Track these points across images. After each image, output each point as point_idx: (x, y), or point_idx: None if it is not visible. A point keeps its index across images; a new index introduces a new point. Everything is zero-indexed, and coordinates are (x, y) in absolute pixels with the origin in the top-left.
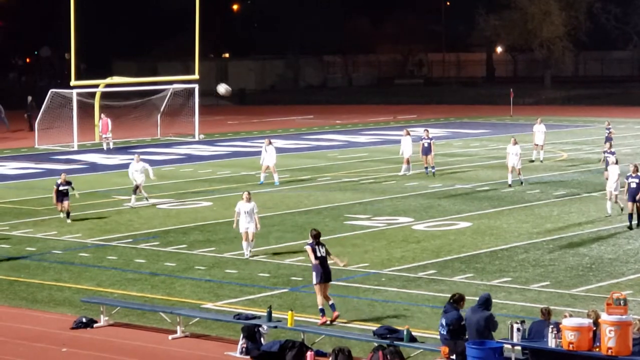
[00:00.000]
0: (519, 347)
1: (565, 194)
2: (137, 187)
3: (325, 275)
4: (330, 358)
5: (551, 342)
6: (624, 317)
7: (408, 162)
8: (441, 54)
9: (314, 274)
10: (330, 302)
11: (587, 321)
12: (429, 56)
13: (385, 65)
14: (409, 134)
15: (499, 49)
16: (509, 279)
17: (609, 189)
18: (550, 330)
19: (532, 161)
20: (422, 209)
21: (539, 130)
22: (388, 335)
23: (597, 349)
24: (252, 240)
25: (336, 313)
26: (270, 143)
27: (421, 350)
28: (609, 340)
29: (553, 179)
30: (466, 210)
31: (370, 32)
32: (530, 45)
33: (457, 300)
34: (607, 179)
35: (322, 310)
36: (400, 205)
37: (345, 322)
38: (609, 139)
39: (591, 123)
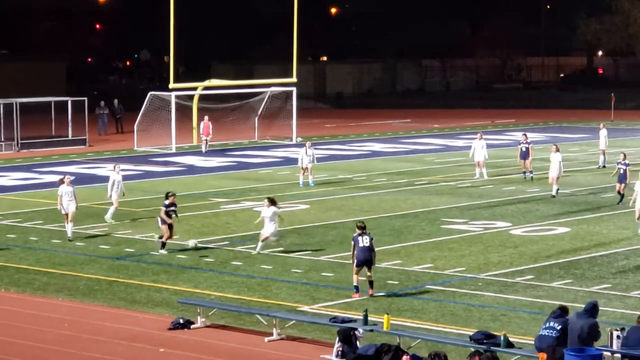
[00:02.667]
0: (618, 355)
1: None
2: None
3: (365, 261)
4: None
5: None
6: None
7: (480, 165)
8: (540, 57)
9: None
10: (371, 279)
11: None
12: (528, 60)
13: (483, 70)
14: (482, 137)
15: (599, 53)
16: (609, 285)
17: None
18: None
19: (603, 167)
20: (520, 214)
21: (603, 135)
22: (485, 341)
23: None
24: (262, 241)
25: (371, 291)
26: (311, 146)
27: (519, 356)
28: None
29: None
30: (565, 216)
31: (469, 36)
32: (633, 49)
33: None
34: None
35: (356, 287)
36: (497, 210)
37: (442, 327)
38: None
39: None
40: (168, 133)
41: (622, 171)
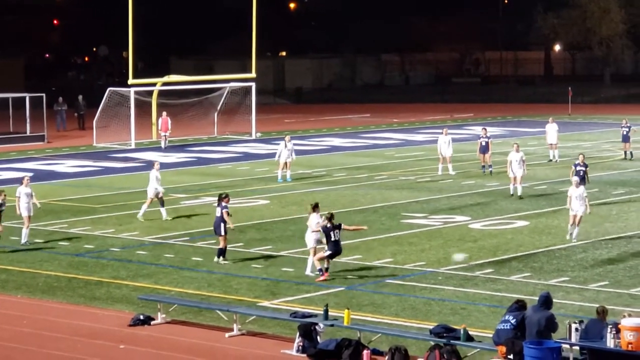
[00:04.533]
0: (577, 347)
1: (624, 193)
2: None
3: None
4: (387, 357)
5: (610, 343)
6: None
7: (445, 161)
8: (498, 52)
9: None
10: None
11: None
12: (486, 54)
13: (442, 64)
14: (447, 133)
15: (557, 47)
16: (567, 278)
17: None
18: (608, 330)
19: (555, 161)
20: (479, 208)
21: (552, 129)
22: (445, 335)
23: None
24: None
25: (327, 274)
26: (290, 140)
27: (478, 349)
28: None
29: (612, 178)
30: (523, 209)
31: (428, 30)
32: (589, 43)
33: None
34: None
35: (320, 270)
36: (456, 204)
37: (402, 321)
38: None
39: None
40: (127, 129)
41: (581, 173)
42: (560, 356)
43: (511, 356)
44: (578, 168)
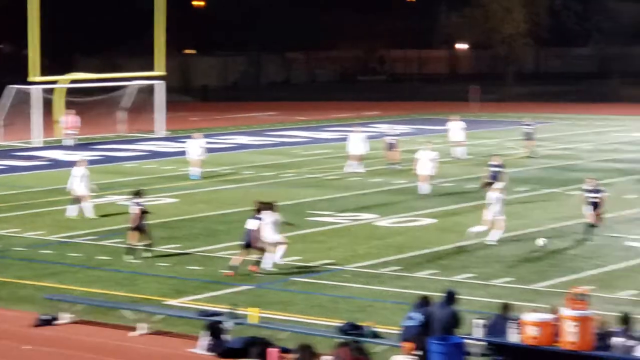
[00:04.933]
0: (482, 343)
1: (527, 190)
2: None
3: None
4: (295, 354)
5: (513, 338)
6: (586, 312)
7: (356, 159)
8: (403, 50)
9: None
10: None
11: (548, 316)
12: (391, 53)
13: (347, 62)
14: (359, 131)
15: (461, 46)
16: (473, 274)
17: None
18: (512, 325)
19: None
20: (386, 206)
21: (457, 127)
22: (352, 332)
23: (559, 344)
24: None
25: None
26: (200, 137)
27: (385, 346)
28: (571, 335)
29: (515, 175)
30: (430, 207)
31: (333, 28)
32: (492, 42)
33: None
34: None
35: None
36: (363, 202)
37: (309, 319)
38: (529, 135)
39: (551, 120)
40: (32, 127)
41: (495, 174)
42: (464, 352)
43: (417, 352)
44: (492, 169)
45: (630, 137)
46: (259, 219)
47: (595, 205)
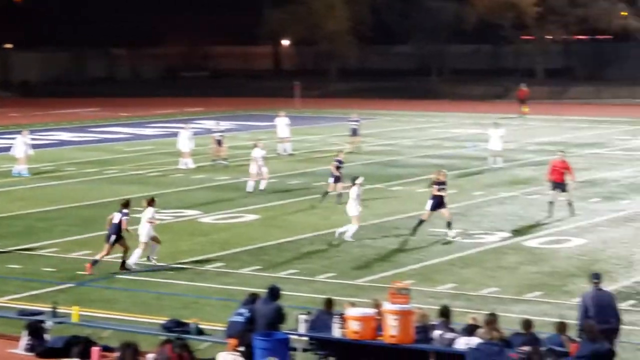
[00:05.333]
0: (305, 338)
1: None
2: None
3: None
4: (118, 353)
5: (336, 332)
6: (406, 306)
7: (186, 155)
8: (227, 46)
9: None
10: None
11: (370, 311)
12: (215, 49)
13: (171, 58)
14: (188, 128)
15: (285, 42)
16: (296, 270)
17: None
18: (335, 320)
19: (279, 154)
20: (209, 202)
21: (282, 123)
22: (176, 329)
23: (381, 338)
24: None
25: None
26: (27, 134)
27: (209, 343)
28: (392, 328)
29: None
30: (254, 203)
31: (157, 24)
32: (316, 38)
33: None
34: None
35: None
36: (187, 198)
37: (133, 317)
38: (354, 131)
39: (374, 116)
40: None
41: (338, 172)
42: (289, 347)
43: (242, 348)
44: (339, 165)
45: (449, 134)
46: (126, 214)
47: (441, 199)
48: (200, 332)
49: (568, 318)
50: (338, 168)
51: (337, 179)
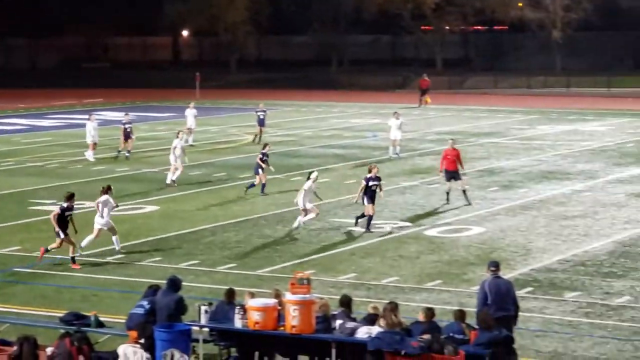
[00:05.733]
0: (206, 329)
1: (250, 177)
2: None
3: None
4: (15, 347)
5: (238, 323)
6: (307, 296)
7: (92, 147)
8: (127, 37)
9: None
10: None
11: (271, 301)
12: (115, 40)
13: (71, 49)
14: (93, 119)
15: (185, 33)
16: (197, 261)
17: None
18: (236, 311)
19: (192, 145)
20: None
21: (191, 114)
22: (75, 322)
23: (282, 328)
24: None
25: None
26: None
27: (109, 335)
28: (293, 319)
29: (239, 162)
30: (154, 194)
31: (56, 14)
32: (216, 29)
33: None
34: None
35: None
36: (87, 190)
37: (32, 310)
38: (261, 122)
39: (275, 107)
40: None
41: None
42: (190, 338)
43: (142, 340)
44: (264, 158)
45: (348, 123)
46: (66, 208)
47: (374, 194)
48: (100, 324)
49: (467, 306)
50: (263, 161)
51: (260, 171)
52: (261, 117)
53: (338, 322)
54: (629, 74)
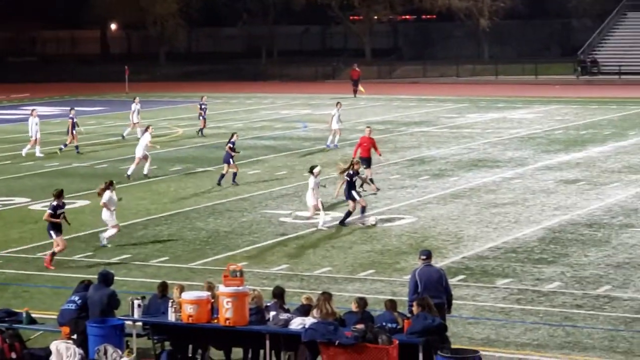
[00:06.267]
0: (140, 323)
1: (182, 170)
2: None
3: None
4: None
5: (171, 317)
6: (240, 288)
7: (34, 143)
8: (55, 31)
9: None
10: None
11: (204, 294)
12: (43, 33)
13: None
14: (35, 115)
15: (113, 27)
16: (129, 255)
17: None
18: (170, 304)
19: (123, 138)
20: (40, 189)
21: (136, 108)
22: (6, 319)
23: (216, 321)
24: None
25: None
26: None
27: (41, 331)
28: (226, 311)
29: (169, 155)
30: (85, 189)
31: None
32: (145, 22)
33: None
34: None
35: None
36: (15, 186)
37: None
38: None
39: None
40: None
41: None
42: (123, 333)
43: (75, 336)
44: (233, 147)
45: (278, 115)
46: (56, 206)
47: (353, 187)
48: (32, 321)
49: (400, 295)
50: (232, 149)
51: (231, 161)
52: (204, 108)
53: (272, 313)
54: (556, 62)
